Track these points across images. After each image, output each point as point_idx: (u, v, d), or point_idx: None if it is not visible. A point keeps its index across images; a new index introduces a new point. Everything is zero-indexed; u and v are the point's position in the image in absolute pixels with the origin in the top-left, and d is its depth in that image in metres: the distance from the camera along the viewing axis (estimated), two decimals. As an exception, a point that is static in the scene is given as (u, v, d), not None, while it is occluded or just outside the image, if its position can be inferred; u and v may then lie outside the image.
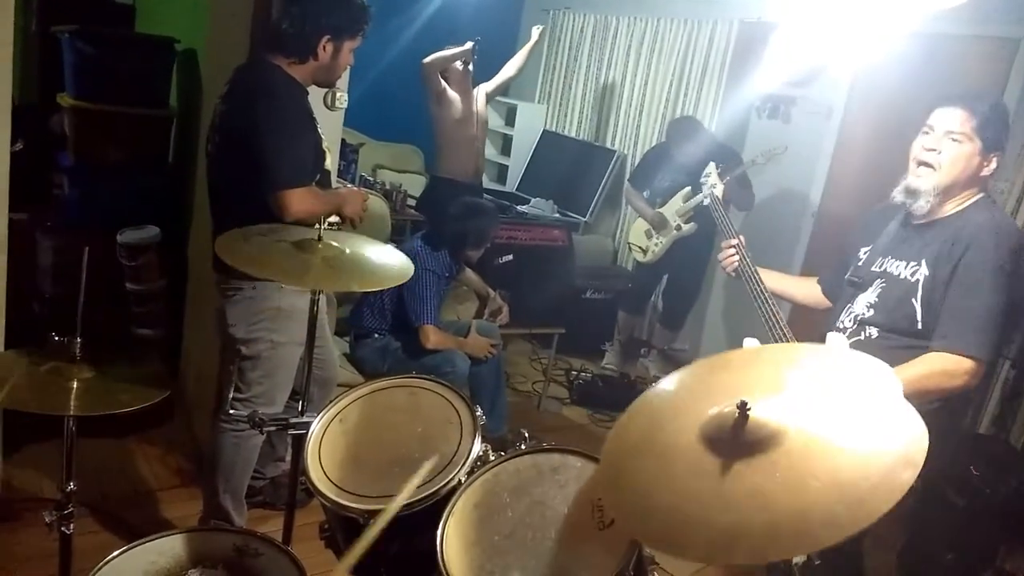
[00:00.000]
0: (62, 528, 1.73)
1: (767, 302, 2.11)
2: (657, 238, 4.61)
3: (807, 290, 2.36)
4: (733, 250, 2.28)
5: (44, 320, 3.35)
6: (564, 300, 4.48)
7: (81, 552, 1.76)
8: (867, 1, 3.87)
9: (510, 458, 1.63)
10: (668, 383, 1.39)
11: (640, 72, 5.64)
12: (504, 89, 5.01)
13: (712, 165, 2.66)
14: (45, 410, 1.64)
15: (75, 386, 1.68)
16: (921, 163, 1.96)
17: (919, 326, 1.94)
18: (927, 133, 1.97)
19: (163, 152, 3.88)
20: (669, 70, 5.41)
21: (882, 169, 2.75)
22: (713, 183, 2.60)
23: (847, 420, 1.13)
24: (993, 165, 1.96)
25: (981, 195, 2.00)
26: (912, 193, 1.97)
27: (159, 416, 3.16)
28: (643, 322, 5.20)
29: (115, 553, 1.60)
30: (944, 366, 1.85)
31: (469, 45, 4.51)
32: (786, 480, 1.05)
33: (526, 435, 1.71)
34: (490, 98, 4.87)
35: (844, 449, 1.07)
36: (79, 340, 1.73)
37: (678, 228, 4.47)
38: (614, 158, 5.69)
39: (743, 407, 1.15)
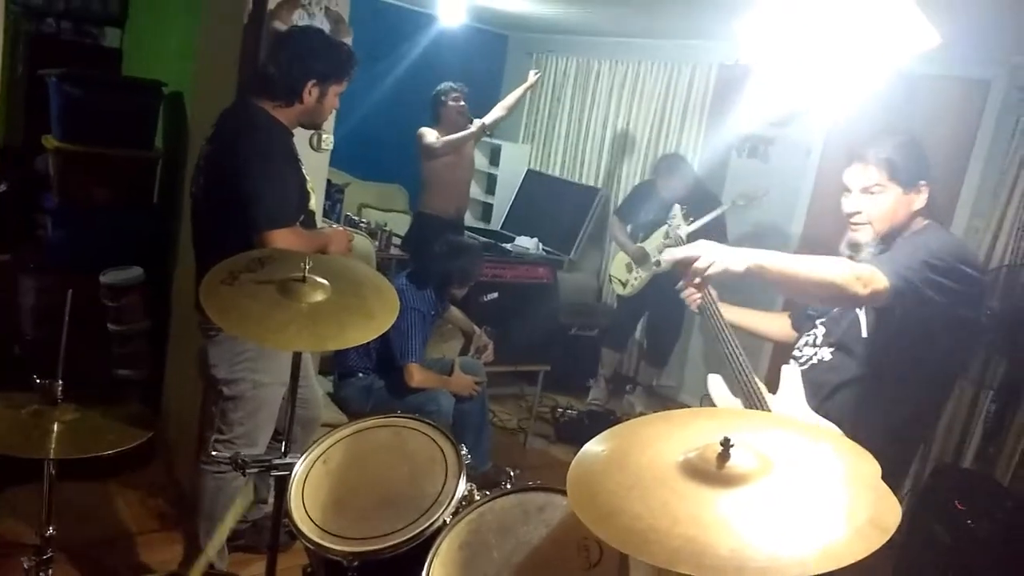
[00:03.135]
0: (41, 573, 1.70)
1: (728, 339, 2.12)
2: (637, 272, 4.65)
3: (777, 325, 2.37)
4: (695, 288, 2.31)
5: (26, 362, 3.32)
6: (549, 337, 4.49)
7: (59, 599, 1.73)
8: (843, 44, 3.96)
9: (495, 498, 1.63)
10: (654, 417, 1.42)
11: (622, 113, 5.73)
12: (492, 129, 5.08)
13: (677, 207, 2.70)
14: (25, 453, 1.63)
15: (56, 429, 1.67)
16: (853, 223, 2.00)
17: (863, 334, 1.94)
18: (847, 194, 2.01)
19: (148, 193, 3.89)
20: (651, 111, 5.50)
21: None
22: (678, 224, 2.64)
23: (823, 480, 1.17)
24: (923, 195, 1.96)
25: (927, 222, 2.01)
26: (855, 247, 2.00)
27: (140, 459, 3.12)
28: (627, 358, 5.21)
29: (94, 599, 1.57)
30: (867, 275, 1.79)
31: (476, 126, 4.67)
32: (757, 516, 1.09)
33: (511, 473, 1.70)
34: (478, 138, 4.93)
35: (819, 500, 1.12)
36: (60, 383, 1.72)
37: (657, 264, 4.52)
38: (597, 197, 5.75)
39: (726, 443, 1.17)
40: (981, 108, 3.90)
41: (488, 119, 4.85)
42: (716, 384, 2.14)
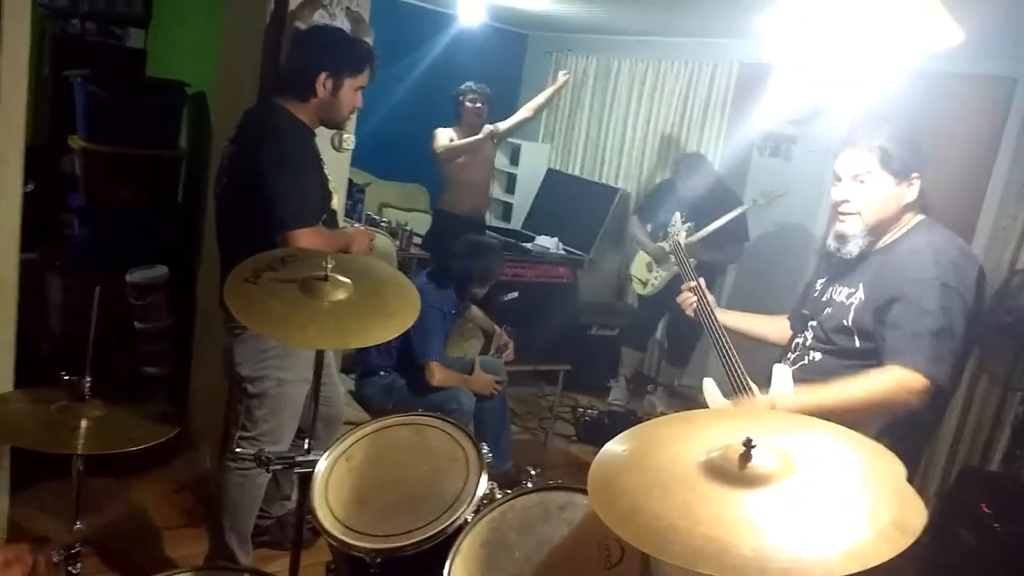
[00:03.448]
0: (69, 568, 1.73)
1: (723, 343, 2.14)
2: (657, 271, 4.64)
3: (776, 327, 2.35)
4: (691, 292, 2.36)
5: (54, 359, 3.37)
6: (569, 336, 4.49)
7: (86, 592, 1.76)
8: (865, 42, 3.92)
9: (516, 496, 1.63)
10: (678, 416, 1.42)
11: (642, 112, 5.71)
12: (516, 131, 5.08)
13: (677, 214, 2.74)
14: (54, 449, 1.66)
15: (83, 425, 1.69)
16: (842, 213, 1.96)
17: (856, 345, 1.93)
18: (837, 183, 1.96)
19: (172, 193, 3.94)
20: (671, 110, 5.48)
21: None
22: (678, 231, 2.68)
23: (847, 481, 1.16)
24: (915, 188, 1.92)
25: (920, 217, 1.97)
26: (841, 238, 1.97)
27: (166, 455, 3.16)
28: (648, 358, 5.20)
29: (121, 593, 1.60)
30: (906, 381, 1.78)
31: (484, 133, 4.65)
32: (780, 516, 1.08)
33: (532, 472, 1.71)
34: (501, 138, 4.94)
35: (841, 502, 1.11)
36: (88, 379, 1.75)
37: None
38: (617, 196, 5.73)
39: (748, 443, 1.17)
40: (1007, 106, 3.84)
41: (507, 123, 4.85)
42: (710, 387, 2.13)
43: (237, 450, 2.36)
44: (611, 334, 5.04)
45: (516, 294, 4.34)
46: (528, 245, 5.53)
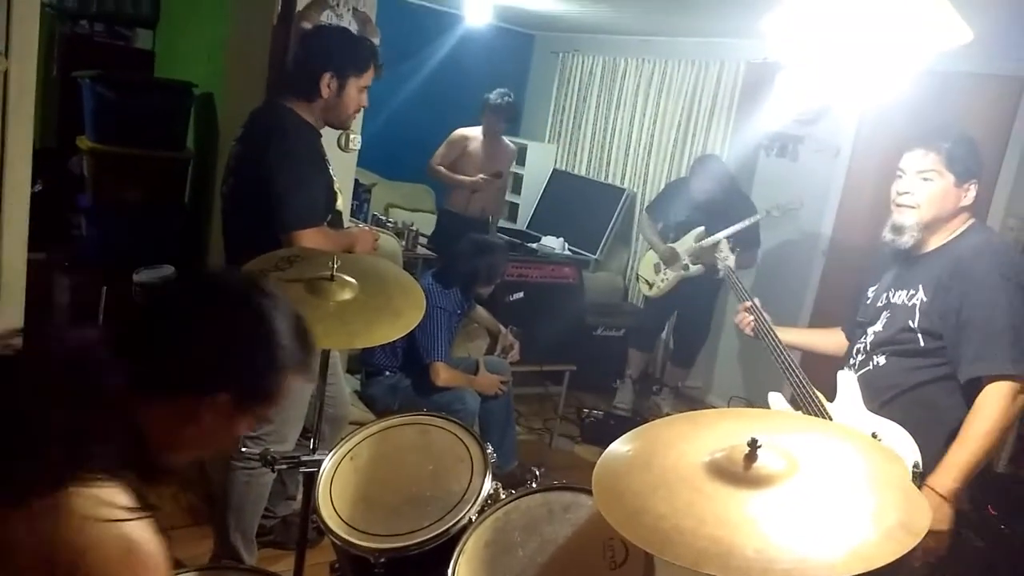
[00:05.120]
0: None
1: (786, 358, 2.20)
2: (664, 273, 4.61)
3: (832, 340, 2.41)
4: (747, 312, 2.39)
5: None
6: (575, 337, 4.48)
7: (92, 591, 1.76)
8: (873, 40, 3.91)
9: (521, 496, 1.63)
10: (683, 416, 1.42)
11: (648, 112, 5.71)
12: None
13: (724, 241, 2.84)
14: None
15: (90, 424, 1.69)
16: (900, 206, 2.04)
17: (921, 345, 1.99)
18: (900, 177, 2.05)
19: (179, 193, 3.95)
20: (677, 110, 5.47)
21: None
22: (726, 256, 2.77)
23: (852, 482, 1.17)
24: (972, 193, 2.02)
25: (972, 221, 2.06)
26: (897, 229, 2.05)
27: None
28: (654, 359, 5.19)
29: (126, 592, 1.60)
30: (1006, 392, 1.86)
31: (472, 179, 4.76)
32: (784, 517, 1.08)
33: (537, 472, 1.71)
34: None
35: (847, 502, 1.11)
36: (95, 378, 1.75)
37: (685, 268, 4.48)
38: (624, 196, 5.73)
39: (754, 444, 1.17)
40: (1015, 106, 3.83)
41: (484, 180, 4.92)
42: (777, 401, 2.20)
43: (243, 449, 2.37)
44: (617, 335, 5.03)
45: (521, 294, 4.34)
46: (534, 245, 5.54)
